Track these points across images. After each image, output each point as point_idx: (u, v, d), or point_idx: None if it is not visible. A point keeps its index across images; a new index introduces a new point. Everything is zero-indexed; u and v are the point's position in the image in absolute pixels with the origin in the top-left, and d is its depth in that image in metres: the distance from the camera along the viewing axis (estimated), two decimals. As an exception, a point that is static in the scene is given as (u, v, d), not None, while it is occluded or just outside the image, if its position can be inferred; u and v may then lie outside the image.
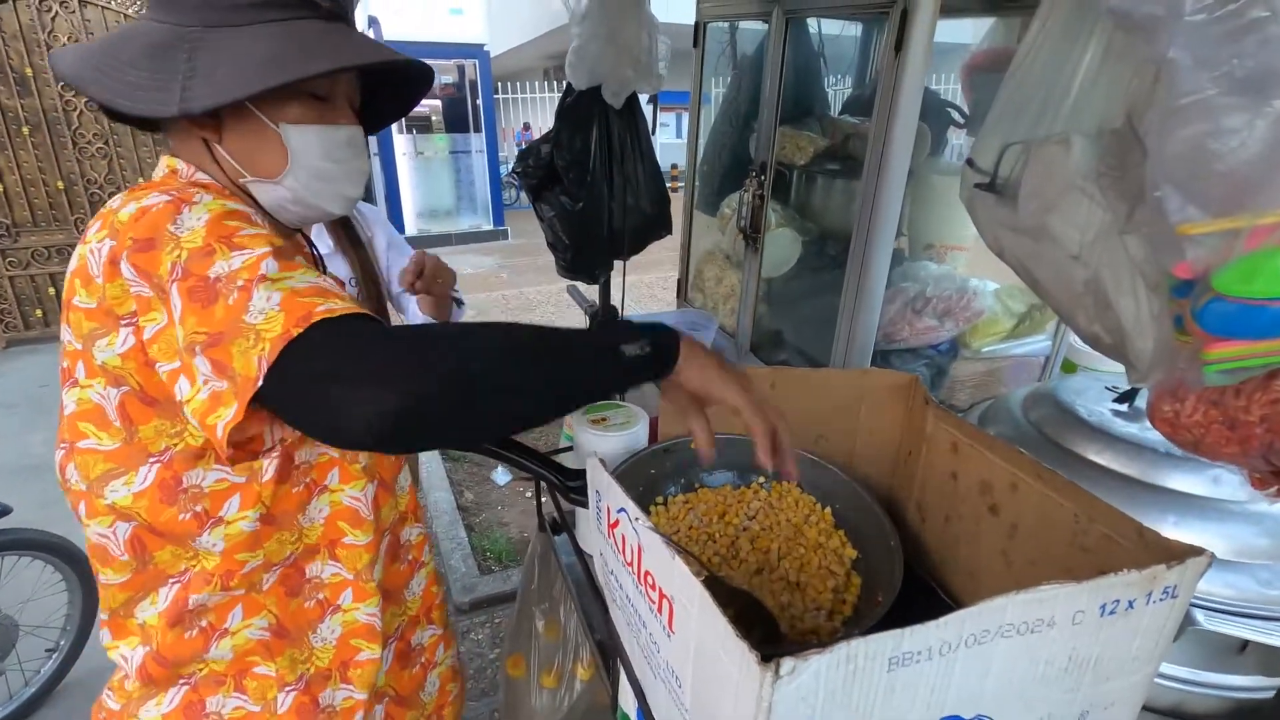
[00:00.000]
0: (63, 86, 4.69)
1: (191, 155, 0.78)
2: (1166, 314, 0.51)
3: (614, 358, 0.65)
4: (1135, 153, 0.54)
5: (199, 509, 0.74)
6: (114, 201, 0.70)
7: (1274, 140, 0.40)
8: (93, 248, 0.67)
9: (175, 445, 0.71)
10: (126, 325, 0.66)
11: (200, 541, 0.75)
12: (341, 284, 0.91)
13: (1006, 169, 0.72)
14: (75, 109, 4.85)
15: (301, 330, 0.57)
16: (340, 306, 0.59)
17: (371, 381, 0.54)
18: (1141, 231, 0.52)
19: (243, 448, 0.65)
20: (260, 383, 0.56)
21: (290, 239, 0.85)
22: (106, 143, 5.00)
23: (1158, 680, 0.89)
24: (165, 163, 0.79)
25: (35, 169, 4.90)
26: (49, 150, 4.91)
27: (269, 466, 0.77)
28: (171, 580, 0.77)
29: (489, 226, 9.32)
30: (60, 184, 4.89)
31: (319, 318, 0.58)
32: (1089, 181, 0.60)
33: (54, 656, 2.15)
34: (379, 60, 0.75)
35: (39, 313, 5.08)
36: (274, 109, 0.75)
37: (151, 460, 0.71)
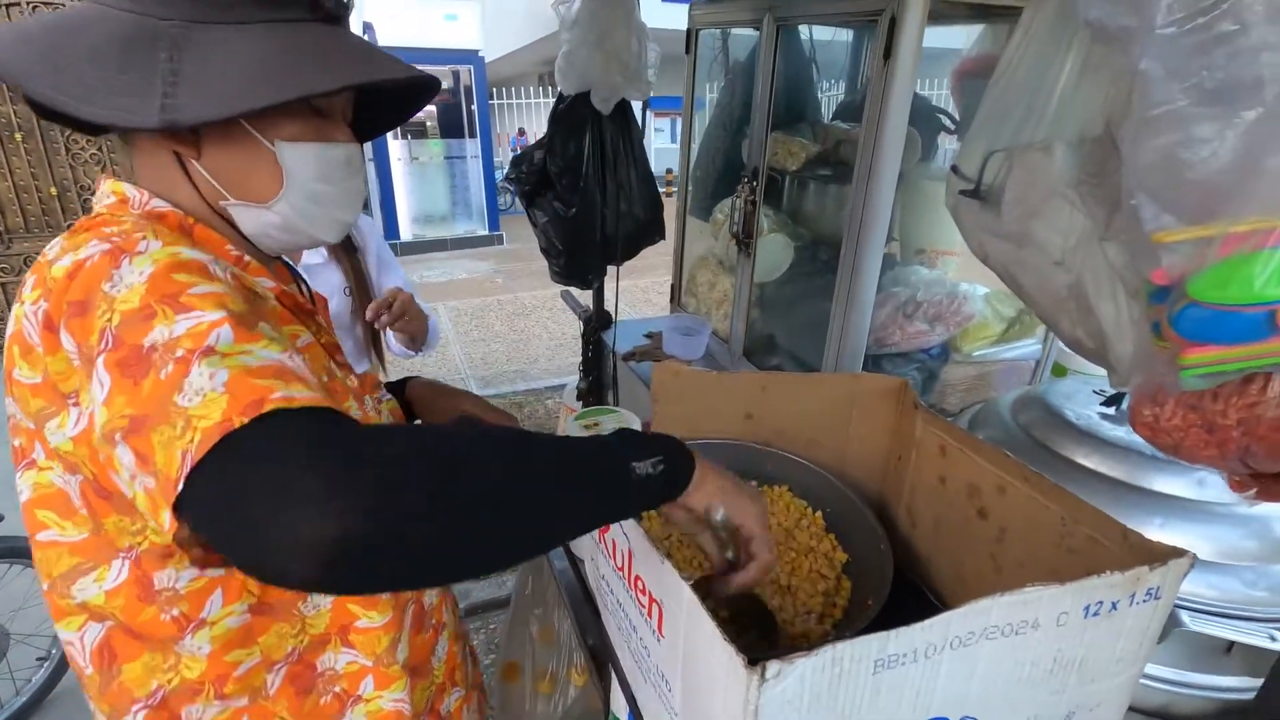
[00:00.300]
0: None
1: (154, 173, 0.65)
2: (1145, 319, 0.52)
3: (623, 476, 0.55)
4: (1114, 160, 0.55)
5: (176, 613, 0.62)
6: (50, 249, 0.58)
7: (1243, 150, 0.41)
8: (28, 311, 0.55)
9: (139, 544, 0.60)
10: (73, 405, 0.54)
11: (183, 646, 0.63)
12: (326, 301, 0.84)
13: (990, 176, 0.73)
14: (68, 115, 4.83)
15: (245, 421, 0.44)
16: (303, 395, 0.47)
17: (316, 498, 0.41)
18: (1120, 238, 0.53)
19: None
20: (180, 487, 0.44)
21: (269, 266, 0.74)
22: (100, 149, 4.98)
23: (1145, 681, 0.90)
24: (109, 188, 0.65)
25: (28, 175, 4.88)
26: (42, 156, 4.89)
27: None
28: (136, 708, 0.64)
29: (484, 232, 9.32)
30: (53, 190, 4.88)
31: (271, 406, 0.45)
32: (1070, 188, 0.61)
33: (45, 665, 2.14)
34: (400, 77, 0.66)
35: (31, 319, 5.06)
36: (268, 124, 0.65)
37: (123, 555, 0.60)
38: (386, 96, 0.80)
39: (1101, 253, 0.59)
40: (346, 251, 1.45)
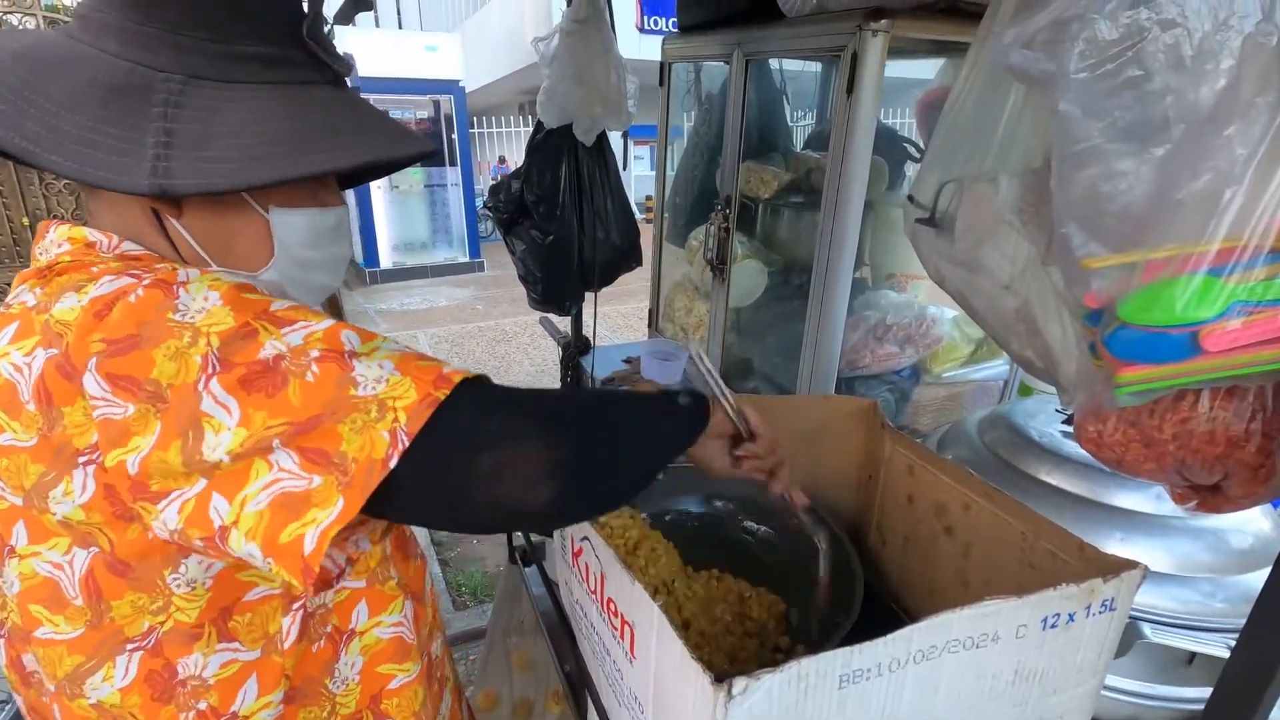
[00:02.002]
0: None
1: (120, 223, 0.58)
2: (1084, 339, 0.55)
3: (678, 408, 0.67)
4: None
5: (203, 707, 0.55)
6: (23, 297, 0.51)
7: (1156, 183, 0.44)
8: (15, 363, 0.48)
9: (161, 624, 0.53)
10: (87, 463, 0.47)
11: None
12: None
13: (943, 204, 0.76)
14: (43, 145, 4.79)
15: (448, 392, 0.48)
16: (460, 368, 0.51)
17: (537, 437, 0.49)
18: (1057, 264, 0.56)
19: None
20: (395, 462, 0.45)
21: None
22: (75, 179, 4.94)
23: (1111, 694, 0.91)
24: (62, 234, 0.56)
25: (-1, 206, 4.82)
26: (14, 186, 4.84)
27: (292, 626, 0.58)
28: None
29: (465, 259, 9.33)
30: (25, 220, 4.82)
31: (459, 378, 0.49)
32: (1015, 216, 0.65)
33: (6, 709, 2.07)
34: (411, 154, 0.61)
35: (0, 351, 4.96)
36: (262, 189, 0.59)
37: (131, 648, 0.53)
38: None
39: (1046, 276, 0.62)
40: (336, 314, 1.49)
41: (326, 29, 0.67)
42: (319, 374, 0.47)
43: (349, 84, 0.65)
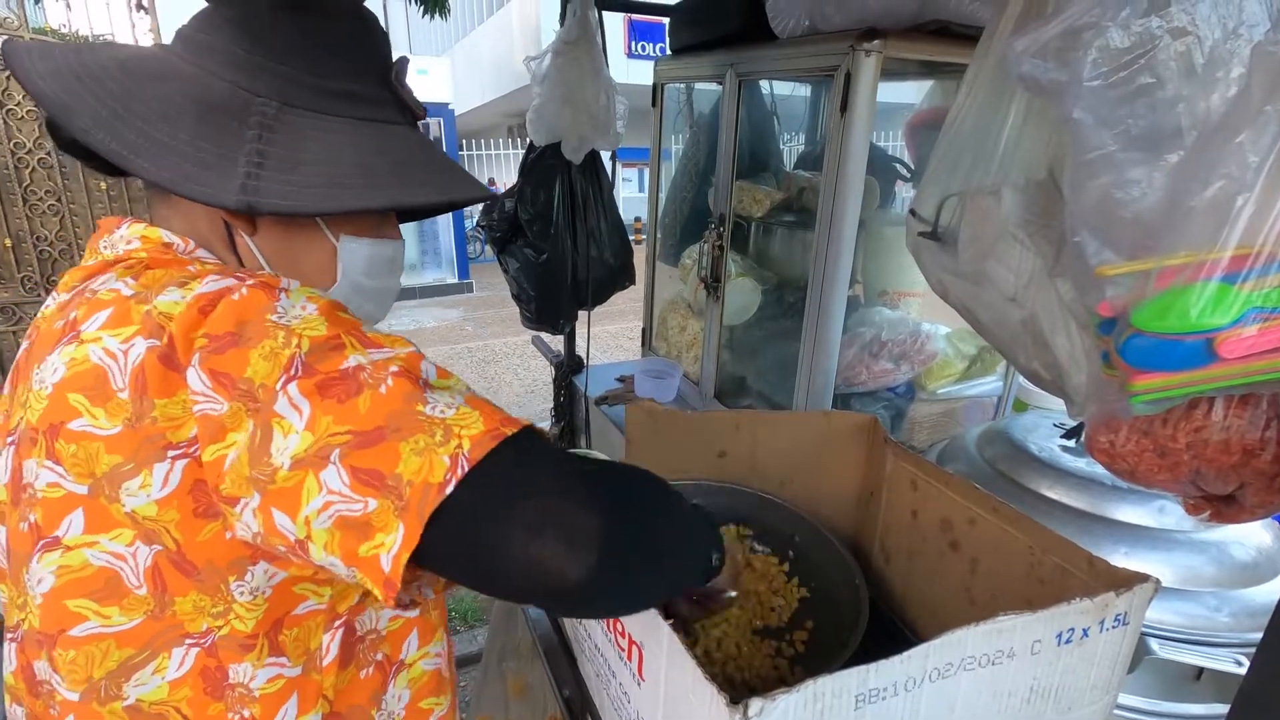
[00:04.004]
0: (14, 144, 4.61)
1: (191, 231, 0.59)
2: (1095, 350, 0.55)
3: (706, 562, 0.64)
4: (1057, 202, 0.59)
5: (247, 714, 0.54)
6: (114, 285, 0.51)
7: (1170, 190, 0.45)
8: (110, 349, 0.48)
9: (219, 629, 0.52)
10: (179, 457, 0.48)
11: None
12: None
13: (946, 218, 0.76)
14: (28, 166, 4.77)
15: (515, 430, 0.47)
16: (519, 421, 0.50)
17: (586, 499, 0.46)
18: (1067, 274, 0.56)
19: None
20: (452, 488, 0.43)
21: None
22: (59, 199, 4.89)
23: (1119, 712, 0.90)
24: (136, 231, 0.58)
25: (-18, 226, 4.75)
26: (-4, 208, 4.78)
27: (331, 644, 0.58)
28: None
29: (454, 280, 9.33)
30: (8, 241, 4.76)
31: (526, 424, 0.48)
32: (1019, 229, 0.65)
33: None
34: (475, 196, 0.65)
35: (-21, 373, 4.87)
36: (336, 218, 0.62)
37: (189, 643, 0.52)
38: None
39: (1052, 288, 0.62)
40: None
41: None
42: (392, 387, 0.46)
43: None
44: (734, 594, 0.73)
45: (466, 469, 0.44)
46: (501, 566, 0.46)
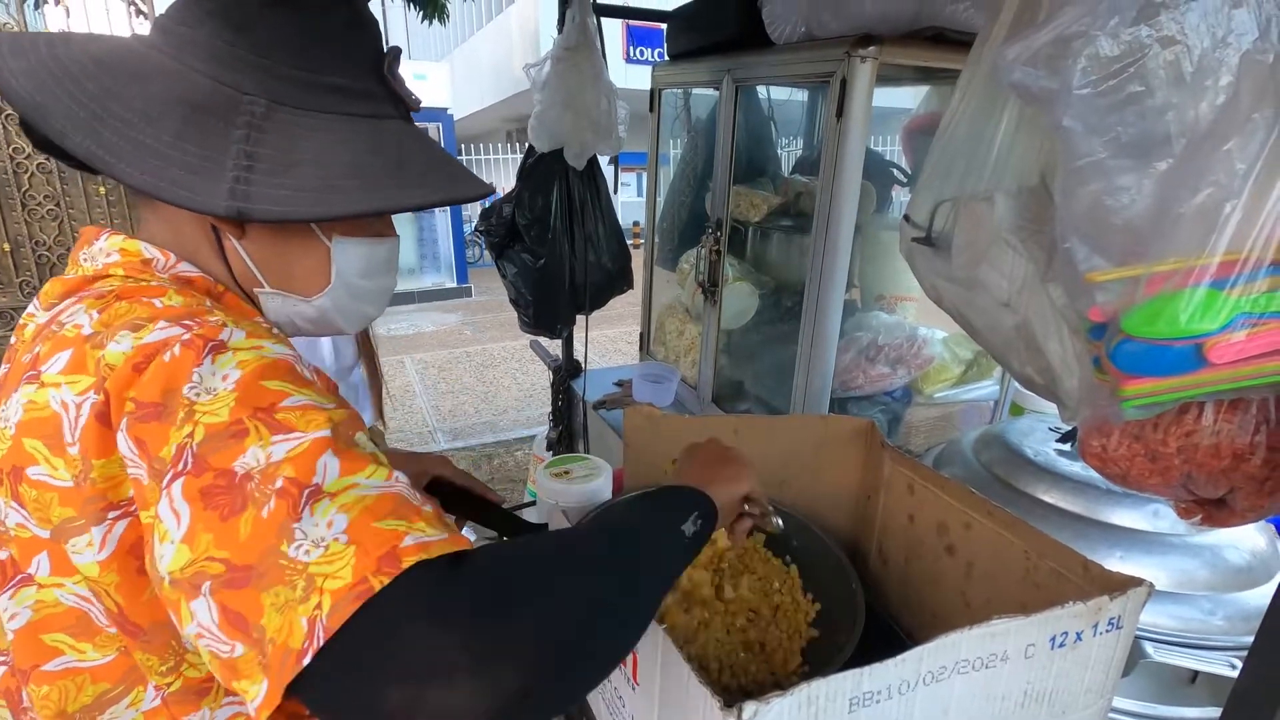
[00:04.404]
0: (14, 149, 4.62)
1: (174, 237, 0.57)
2: (1086, 355, 0.55)
3: (682, 542, 0.58)
4: (1049, 208, 0.59)
5: None
6: (79, 319, 0.49)
7: (1159, 197, 0.45)
8: (65, 400, 0.46)
9: (170, 684, 0.51)
10: (120, 517, 0.46)
11: None
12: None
13: (939, 224, 0.77)
14: (26, 171, 4.77)
15: (385, 582, 0.38)
16: (434, 538, 0.41)
17: (489, 680, 0.37)
18: (1059, 279, 0.57)
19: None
20: (308, 659, 0.37)
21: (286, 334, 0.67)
22: (58, 204, 4.89)
23: (1115, 715, 0.90)
24: (116, 244, 0.55)
25: (-20, 230, 4.75)
26: (-5, 212, 4.78)
27: None
28: None
29: (452, 284, 9.33)
30: (6, 246, 4.76)
31: (410, 561, 0.39)
32: (1012, 234, 0.65)
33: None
34: (474, 194, 0.61)
35: (-25, 378, 4.86)
36: (330, 220, 0.59)
37: (152, 686, 0.52)
38: None
39: (1045, 294, 0.63)
40: (368, 345, 1.57)
41: None
42: (272, 510, 0.41)
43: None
44: (758, 511, 0.74)
45: (322, 641, 0.37)
46: None
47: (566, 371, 2.54)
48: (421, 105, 0.65)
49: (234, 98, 0.53)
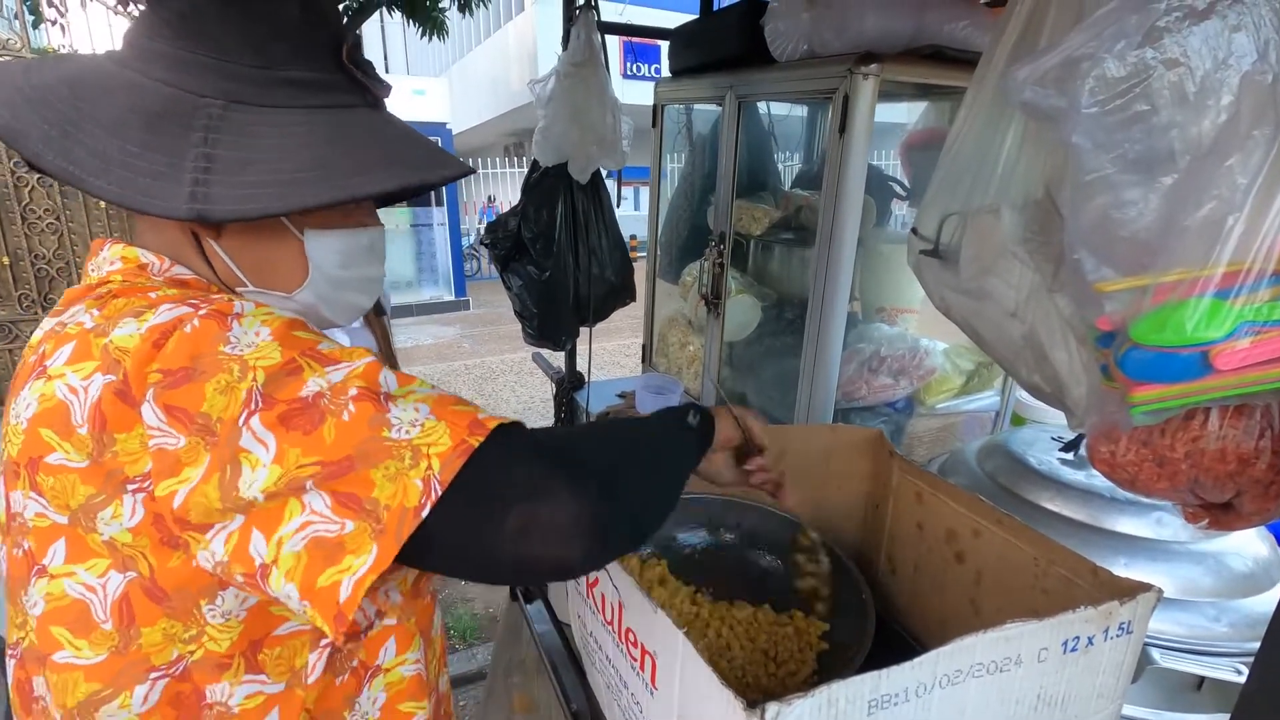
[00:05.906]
0: (15, 163, 4.63)
1: (162, 243, 0.59)
2: (1094, 363, 0.57)
3: (685, 428, 0.69)
4: (1055, 220, 0.61)
5: None
6: (80, 317, 0.51)
7: (1165, 210, 0.47)
8: (72, 385, 0.48)
9: (192, 653, 0.52)
10: (136, 491, 0.48)
11: None
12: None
13: (947, 236, 0.79)
14: (26, 184, 4.78)
15: (482, 439, 0.47)
16: (492, 415, 0.51)
17: (565, 490, 0.48)
18: (1066, 290, 0.58)
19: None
20: (427, 511, 0.45)
21: None
22: (58, 218, 4.89)
23: (1124, 722, 0.91)
24: (116, 253, 0.58)
25: (-20, 244, 4.75)
26: (-5, 226, 4.78)
27: (318, 662, 0.58)
28: None
29: (450, 297, 9.36)
30: (6, 259, 4.75)
31: (494, 424, 0.49)
32: (1019, 246, 0.67)
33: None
34: (446, 176, 0.62)
35: (-26, 391, 4.85)
36: (299, 213, 0.60)
37: (155, 676, 0.52)
38: None
39: (1051, 304, 0.64)
40: (376, 313, 1.50)
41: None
42: (354, 413, 0.47)
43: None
44: (751, 442, 0.79)
45: (439, 492, 0.45)
46: (494, 568, 0.50)
47: (570, 383, 2.55)
48: (392, 91, 0.65)
49: (192, 102, 0.54)
